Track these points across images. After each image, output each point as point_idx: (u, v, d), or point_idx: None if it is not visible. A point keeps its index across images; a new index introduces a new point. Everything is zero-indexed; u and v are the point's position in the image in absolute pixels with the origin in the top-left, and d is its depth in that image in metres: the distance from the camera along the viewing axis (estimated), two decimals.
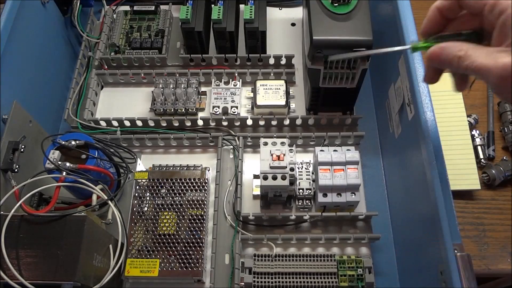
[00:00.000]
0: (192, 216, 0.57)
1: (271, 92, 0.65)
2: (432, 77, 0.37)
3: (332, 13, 0.53)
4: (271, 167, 0.54)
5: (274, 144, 0.56)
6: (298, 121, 0.66)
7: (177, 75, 0.68)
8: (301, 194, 0.58)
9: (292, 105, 0.66)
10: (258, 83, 0.66)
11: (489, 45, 0.32)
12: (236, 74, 0.68)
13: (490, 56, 0.30)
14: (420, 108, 0.49)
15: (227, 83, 0.68)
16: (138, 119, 0.64)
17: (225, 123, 0.66)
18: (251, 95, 0.67)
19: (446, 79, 0.37)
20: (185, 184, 0.58)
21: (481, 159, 0.67)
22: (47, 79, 0.68)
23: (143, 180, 0.59)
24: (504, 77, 0.29)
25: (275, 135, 0.62)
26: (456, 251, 0.40)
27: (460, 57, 0.31)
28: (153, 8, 0.75)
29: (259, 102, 0.65)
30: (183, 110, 0.67)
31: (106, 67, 0.71)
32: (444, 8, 0.33)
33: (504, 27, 0.30)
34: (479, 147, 0.68)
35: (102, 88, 0.71)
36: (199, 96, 0.68)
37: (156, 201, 0.57)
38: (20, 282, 0.42)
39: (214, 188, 0.60)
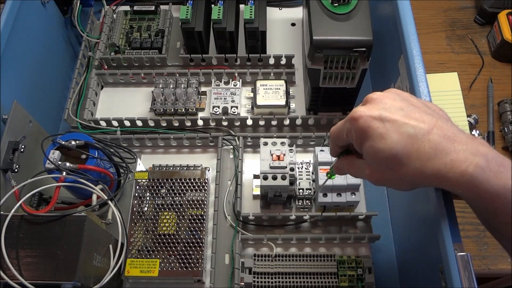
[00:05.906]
0: (192, 216, 0.57)
1: (271, 92, 0.65)
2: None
3: (332, 13, 0.53)
4: (271, 167, 0.54)
5: (274, 144, 0.56)
6: (298, 121, 0.66)
7: (177, 75, 0.68)
8: (301, 194, 0.58)
9: (292, 105, 0.66)
10: (258, 83, 0.66)
11: None
12: (236, 74, 0.68)
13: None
14: None
15: (227, 83, 0.68)
16: (138, 119, 0.64)
17: (225, 123, 0.66)
18: (251, 95, 0.67)
19: (446, 79, 0.37)
20: (185, 184, 0.58)
21: None
22: (47, 79, 0.68)
23: (143, 180, 0.59)
24: None
25: (275, 135, 0.62)
26: (456, 251, 0.40)
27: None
28: (153, 8, 0.75)
29: (259, 102, 0.65)
30: (183, 110, 0.67)
31: (106, 67, 0.71)
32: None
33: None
34: None
35: (102, 88, 0.71)
36: (199, 96, 0.68)
37: (156, 201, 0.57)
38: (20, 282, 0.42)
39: (214, 188, 0.60)
